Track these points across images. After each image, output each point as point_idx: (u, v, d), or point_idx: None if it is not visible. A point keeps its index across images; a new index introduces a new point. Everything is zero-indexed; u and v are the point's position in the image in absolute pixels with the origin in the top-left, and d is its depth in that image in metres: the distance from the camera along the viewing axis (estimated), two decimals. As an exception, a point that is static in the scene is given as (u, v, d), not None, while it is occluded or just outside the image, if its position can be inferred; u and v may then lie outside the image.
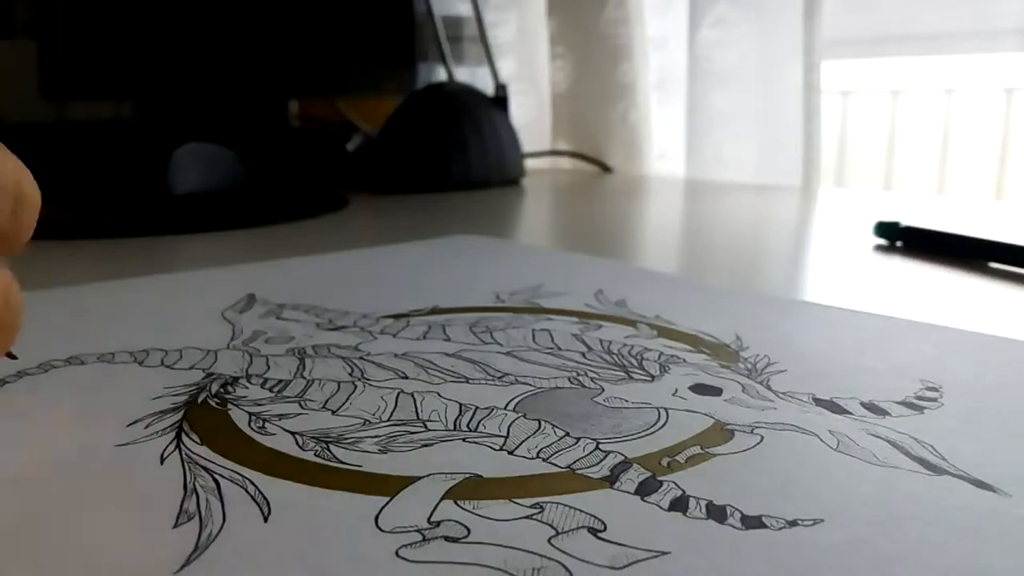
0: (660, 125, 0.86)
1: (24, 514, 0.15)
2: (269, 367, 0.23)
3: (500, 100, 0.73)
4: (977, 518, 0.15)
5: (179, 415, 0.20)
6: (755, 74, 0.74)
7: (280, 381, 0.22)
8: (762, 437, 0.18)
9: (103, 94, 0.81)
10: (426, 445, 0.18)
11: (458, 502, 0.15)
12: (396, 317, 0.28)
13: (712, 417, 0.19)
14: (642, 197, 0.67)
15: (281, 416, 0.20)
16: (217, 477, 0.16)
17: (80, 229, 0.50)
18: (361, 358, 0.24)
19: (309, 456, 0.17)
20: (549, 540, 0.14)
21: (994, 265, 0.37)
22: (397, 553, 0.14)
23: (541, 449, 0.18)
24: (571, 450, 0.18)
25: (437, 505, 0.15)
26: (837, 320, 0.28)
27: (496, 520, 0.15)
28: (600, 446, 0.18)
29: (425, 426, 0.19)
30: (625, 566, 0.13)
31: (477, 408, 0.20)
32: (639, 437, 0.18)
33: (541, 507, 0.15)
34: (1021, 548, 0.14)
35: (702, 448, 0.18)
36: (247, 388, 0.22)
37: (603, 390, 0.21)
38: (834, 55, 0.79)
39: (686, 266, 0.40)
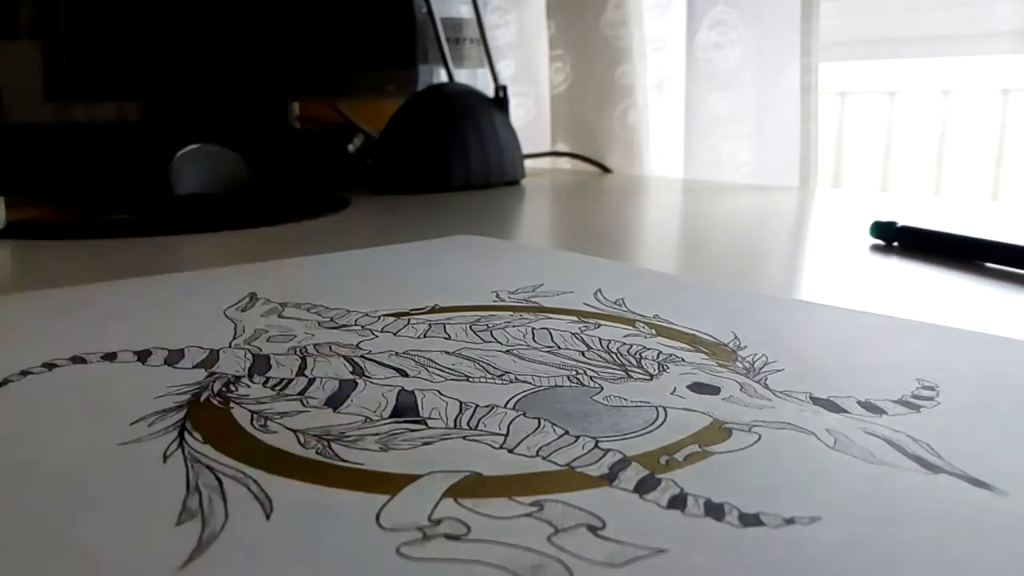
0: (659, 126, 0.86)
1: (27, 512, 0.15)
2: (271, 366, 0.23)
3: (500, 101, 0.73)
4: (973, 516, 0.15)
5: (181, 414, 0.20)
6: (753, 76, 0.74)
7: (282, 379, 0.22)
8: (760, 436, 0.18)
9: (106, 95, 0.81)
10: (427, 443, 0.18)
11: (458, 500, 0.16)
12: (397, 316, 0.29)
13: (710, 416, 0.20)
14: (641, 197, 0.67)
15: (283, 414, 0.20)
16: (219, 475, 0.17)
17: (83, 229, 0.50)
18: (362, 356, 0.24)
19: (311, 454, 0.18)
20: (548, 538, 0.14)
21: (990, 265, 0.37)
22: (398, 551, 0.14)
23: (540, 447, 0.18)
24: (570, 448, 0.18)
25: (438, 503, 0.15)
26: (834, 319, 0.28)
27: (496, 518, 0.15)
28: (599, 444, 0.18)
29: (426, 424, 0.19)
30: (624, 563, 0.13)
31: (477, 406, 0.20)
32: (638, 435, 0.18)
33: (540, 505, 0.15)
34: (1017, 546, 0.14)
35: (700, 446, 0.18)
36: (249, 387, 0.22)
37: (602, 389, 0.21)
38: (831, 57, 0.80)
39: (684, 266, 0.40)
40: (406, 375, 0.23)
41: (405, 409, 0.20)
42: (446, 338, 0.26)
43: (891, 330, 0.27)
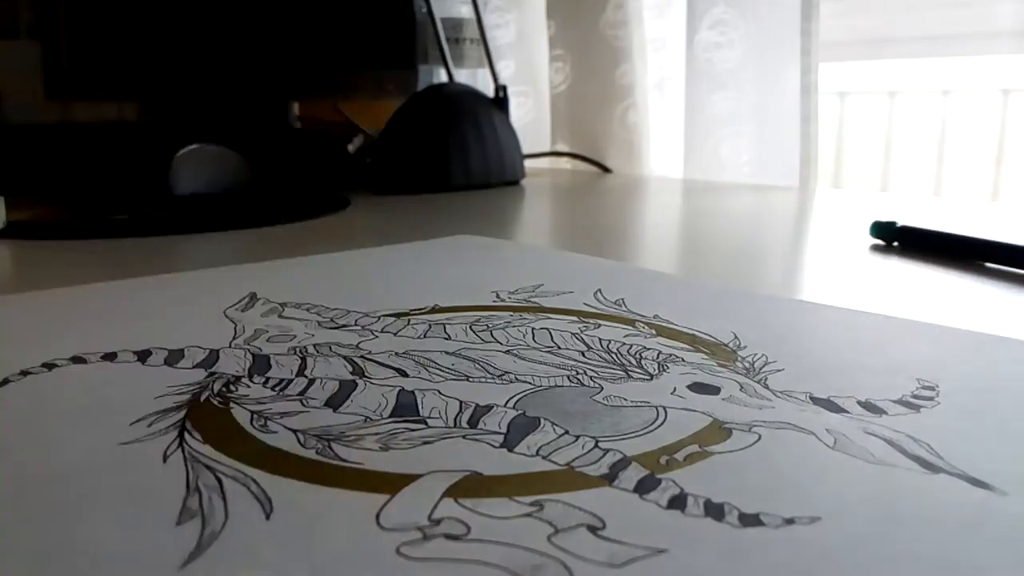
0: (659, 126, 0.86)
1: (27, 512, 0.15)
2: (271, 366, 0.23)
3: (500, 101, 0.73)
4: (973, 516, 0.15)
5: (181, 414, 0.20)
6: (753, 75, 0.74)
7: (282, 380, 0.22)
8: (760, 436, 0.18)
9: (106, 95, 0.81)
10: (427, 442, 0.18)
11: (458, 500, 0.16)
12: (397, 316, 0.29)
13: (710, 416, 0.20)
14: (641, 197, 0.67)
15: (283, 414, 0.20)
16: (219, 475, 0.17)
17: (83, 229, 0.50)
18: (362, 356, 0.24)
19: (311, 454, 0.18)
20: (548, 538, 0.14)
21: (990, 265, 0.37)
22: (398, 551, 0.14)
23: (540, 447, 0.18)
24: (570, 448, 0.18)
25: (438, 503, 0.15)
26: (834, 319, 0.28)
27: (496, 518, 0.15)
28: (599, 444, 0.18)
29: (426, 424, 0.19)
30: (624, 563, 0.13)
31: (477, 406, 0.20)
32: (638, 435, 0.18)
33: (540, 505, 0.15)
34: (1016, 546, 0.14)
35: (700, 446, 0.18)
36: (249, 387, 0.22)
37: (602, 388, 0.21)
38: (831, 57, 0.80)
39: (684, 266, 0.40)
40: (406, 375, 0.23)
41: (405, 409, 0.20)
42: (446, 338, 0.26)
43: (891, 330, 0.27)
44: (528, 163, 0.77)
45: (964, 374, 0.23)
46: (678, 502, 0.15)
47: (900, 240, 0.42)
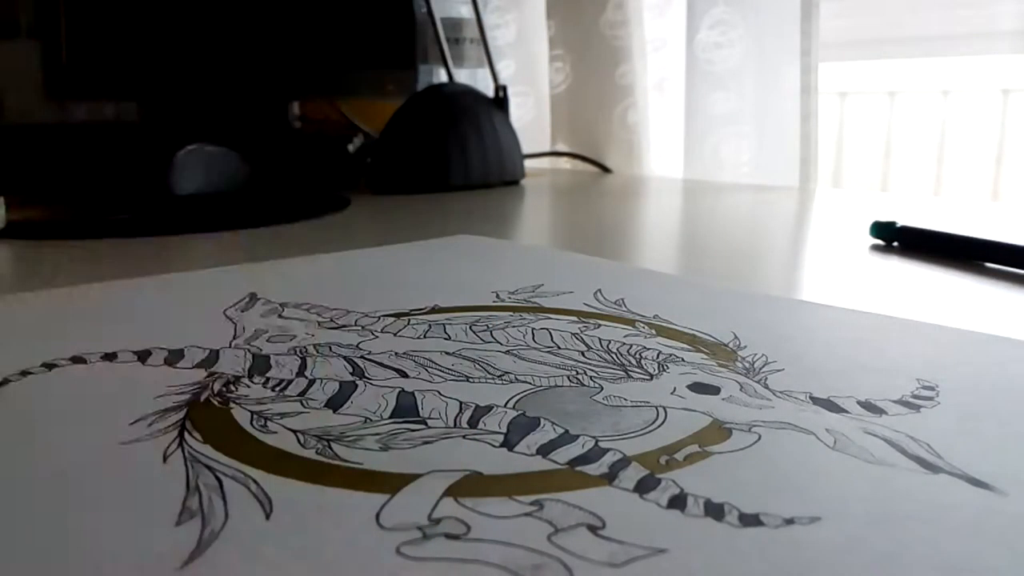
0: (659, 126, 0.86)
1: (27, 512, 0.15)
2: (271, 366, 0.23)
3: (500, 101, 0.73)
4: (973, 516, 0.15)
5: (181, 414, 0.20)
6: (753, 75, 0.74)
7: (282, 380, 0.22)
8: (760, 436, 0.18)
9: (106, 94, 0.81)
10: (427, 443, 0.18)
11: (458, 499, 0.16)
12: (397, 316, 0.29)
13: (710, 416, 0.20)
14: (641, 197, 0.67)
15: (283, 415, 0.20)
16: (219, 475, 0.17)
17: (83, 229, 0.50)
18: (362, 357, 0.24)
19: (311, 454, 0.18)
20: (548, 537, 0.14)
21: (990, 265, 0.37)
22: (398, 550, 0.14)
23: (540, 446, 0.18)
24: (570, 447, 0.18)
25: (438, 502, 0.15)
26: (834, 319, 0.28)
27: (496, 517, 0.15)
28: (599, 444, 0.18)
29: (426, 424, 0.19)
30: (624, 563, 0.13)
31: (477, 406, 0.20)
32: (638, 435, 0.18)
33: (540, 504, 0.15)
34: (1016, 546, 0.14)
35: (700, 446, 0.18)
36: (249, 387, 0.22)
37: (602, 388, 0.21)
38: (831, 57, 0.80)
39: (684, 266, 0.40)
40: (406, 376, 0.23)
41: (405, 410, 0.20)
42: (446, 338, 0.26)
43: (891, 330, 0.27)
44: (528, 163, 0.77)
45: (964, 374, 0.23)
46: (678, 502, 0.15)
47: (900, 240, 0.42)
